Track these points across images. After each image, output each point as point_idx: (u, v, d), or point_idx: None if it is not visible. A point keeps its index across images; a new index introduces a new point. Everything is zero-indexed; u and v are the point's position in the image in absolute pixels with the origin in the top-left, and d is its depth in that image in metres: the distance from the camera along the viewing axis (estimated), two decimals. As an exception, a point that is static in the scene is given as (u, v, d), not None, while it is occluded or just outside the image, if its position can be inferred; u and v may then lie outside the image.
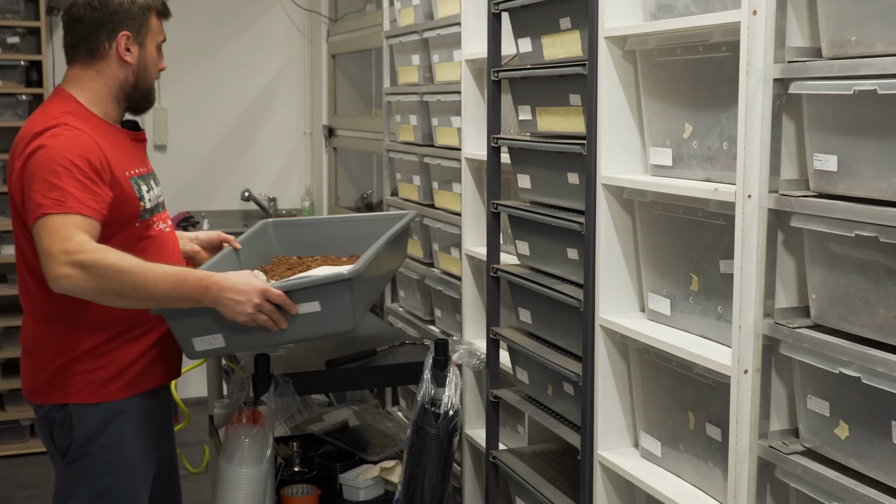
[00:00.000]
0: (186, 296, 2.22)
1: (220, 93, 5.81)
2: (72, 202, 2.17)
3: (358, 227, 3.12)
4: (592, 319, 2.42)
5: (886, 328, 1.72)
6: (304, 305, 2.33)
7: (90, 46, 2.39)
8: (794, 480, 1.90)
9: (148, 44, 2.43)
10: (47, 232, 2.14)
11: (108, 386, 2.38)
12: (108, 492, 2.40)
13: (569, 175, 2.55)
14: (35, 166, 2.21)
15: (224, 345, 2.38)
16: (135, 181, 2.37)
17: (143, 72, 2.43)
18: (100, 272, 2.12)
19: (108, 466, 2.39)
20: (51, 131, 2.25)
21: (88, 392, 2.37)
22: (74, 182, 2.19)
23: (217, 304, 2.24)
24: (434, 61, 3.68)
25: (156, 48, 2.46)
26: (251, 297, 2.24)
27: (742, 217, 1.92)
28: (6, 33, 4.98)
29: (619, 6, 2.32)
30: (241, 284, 2.24)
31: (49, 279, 2.15)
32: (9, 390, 5.01)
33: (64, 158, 2.20)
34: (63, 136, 2.24)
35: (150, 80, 2.46)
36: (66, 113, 2.32)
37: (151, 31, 2.43)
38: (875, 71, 1.67)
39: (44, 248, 2.15)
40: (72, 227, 2.15)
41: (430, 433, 2.74)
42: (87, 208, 2.19)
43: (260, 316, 2.26)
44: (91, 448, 2.37)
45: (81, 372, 2.36)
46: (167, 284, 2.19)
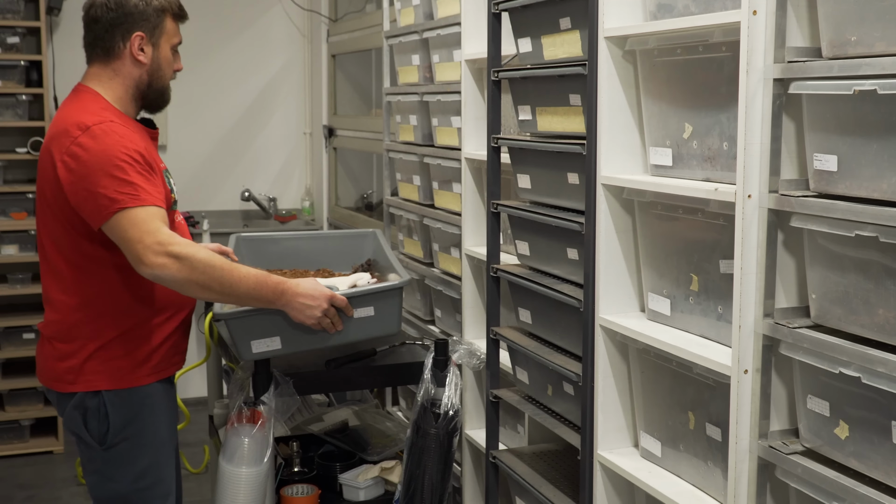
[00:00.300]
0: (262, 297, 2.42)
1: (220, 93, 5.81)
2: (144, 195, 2.32)
3: (323, 244, 3.33)
4: (592, 319, 2.42)
5: (886, 328, 1.72)
6: (360, 310, 2.59)
7: (106, 46, 2.48)
8: (794, 480, 1.90)
9: (162, 45, 2.51)
10: (132, 224, 2.28)
11: (136, 371, 2.49)
12: (147, 471, 2.52)
13: (569, 175, 2.55)
14: (94, 162, 2.31)
15: (280, 346, 2.57)
16: (164, 173, 2.51)
17: (156, 71, 2.51)
18: (192, 265, 2.29)
19: (145, 448, 2.51)
20: (100, 127, 2.35)
21: (120, 377, 2.47)
22: (140, 176, 2.33)
23: (288, 307, 2.46)
24: (434, 61, 3.68)
25: (171, 49, 2.54)
26: (321, 303, 2.48)
27: (742, 217, 1.92)
28: (6, 33, 4.98)
29: (619, 6, 2.32)
30: (313, 290, 2.47)
31: (143, 266, 2.28)
32: (9, 390, 5.01)
33: (124, 154, 2.32)
34: (115, 132, 2.35)
35: (164, 80, 2.54)
36: (104, 109, 2.42)
37: (166, 33, 2.51)
38: (875, 71, 1.67)
39: (133, 239, 2.28)
40: (155, 219, 2.31)
41: (430, 433, 2.74)
42: (157, 199, 2.35)
43: (325, 320, 2.51)
44: (128, 432, 2.48)
45: (111, 358, 2.46)
46: (249, 284, 2.38)
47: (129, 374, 2.48)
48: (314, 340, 2.60)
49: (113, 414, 2.46)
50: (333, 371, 2.78)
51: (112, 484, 2.51)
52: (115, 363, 2.47)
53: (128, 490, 2.51)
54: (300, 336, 2.57)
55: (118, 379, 2.47)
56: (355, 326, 2.62)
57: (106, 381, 2.46)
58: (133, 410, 2.49)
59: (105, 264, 2.44)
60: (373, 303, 2.63)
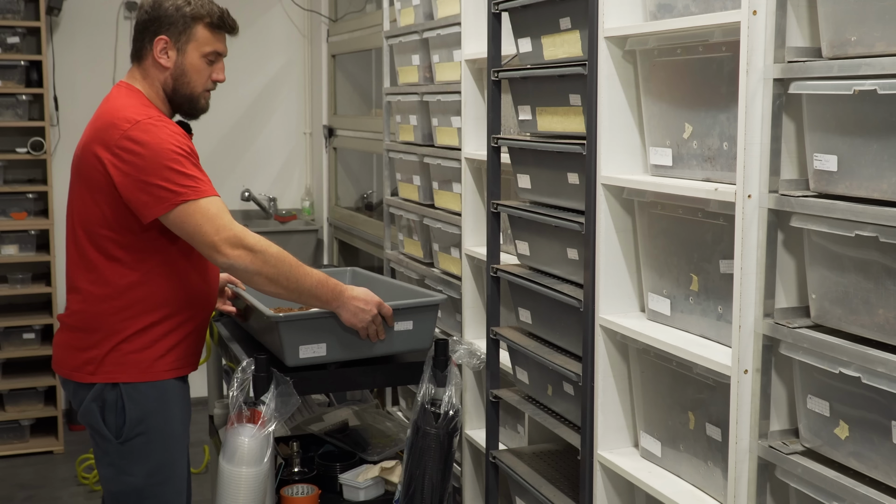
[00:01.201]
0: (322, 296, 2.54)
1: (220, 93, 5.77)
2: (205, 187, 2.41)
3: None
4: (592, 319, 2.42)
5: (886, 328, 1.72)
6: (399, 324, 2.73)
7: (137, 47, 2.57)
8: (794, 480, 1.90)
9: (189, 51, 2.54)
10: (206, 218, 2.38)
11: (155, 366, 2.52)
12: (161, 467, 2.55)
13: (569, 175, 2.55)
14: (150, 155, 2.37)
15: (325, 353, 2.67)
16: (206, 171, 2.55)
17: (180, 77, 2.54)
18: (265, 258, 2.42)
19: (160, 443, 2.54)
20: (149, 121, 2.41)
21: (138, 371, 2.50)
22: (197, 169, 2.43)
23: (342, 309, 2.58)
24: (434, 61, 3.68)
25: (201, 57, 2.55)
26: (372, 308, 2.60)
27: (742, 217, 1.92)
28: (6, 33, 4.98)
29: (619, 6, 2.32)
30: (366, 295, 2.61)
31: (220, 256, 2.39)
32: (9, 390, 5.01)
33: (178, 147, 2.40)
34: (166, 127, 2.43)
35: (190, 87, 2.56)
36: (147, 107, 2.48)
37: (195, 40, 2.54)
38: (875, 71, 1.67)
39: (209, 231, 2.38)
40: (225, 212, 2.42)
41: (430, 433, 2.74)
42: (216, 191, 2.44)
43: (372, 326, 2.62)
44: (145, 426, 2.51)
45: (133, 351, 2.50)
46: (312, 282, 2.50)
47: (148, 368, 2.52)
48: (356, 351, 2.72)
49: (130, 407, 2.50)
50: (333, 371, 2.79)
51: (127, 477, 2.54)
52: (136, 356, 2.50)
53: (143, 484, 2.54)
54: (344, 345, 2.70)
55: (137, 372, 2.50)
56: (395, 339, 2.75)
57: (125, 373, 2.50)
58: (150, 405, 2.52)
59: (144, 259, 2.49)
60: (412, 317, 2.77)
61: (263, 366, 2.63)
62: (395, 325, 2.73)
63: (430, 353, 2.82)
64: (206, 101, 2.64)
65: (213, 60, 2.59)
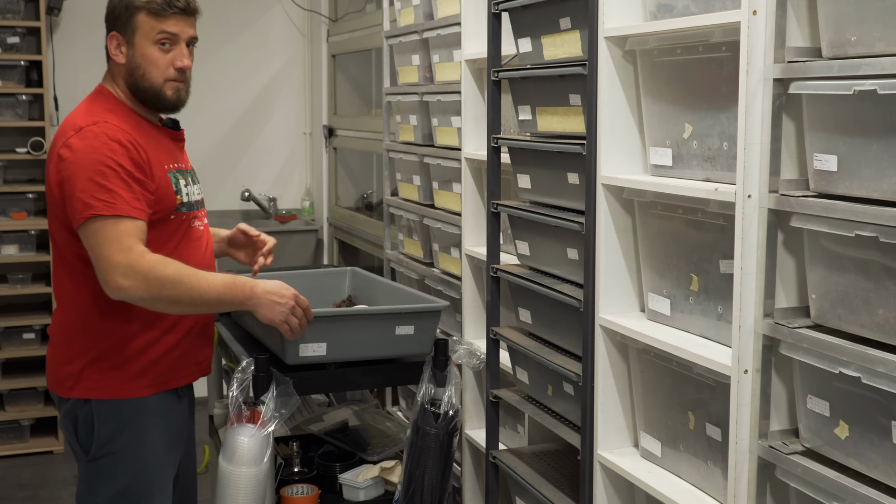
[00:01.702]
0: (233, 299, 2.40)
1: (220, 93, 5.81)
2: (121, 204, 2.26)
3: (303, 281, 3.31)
4: (592, 319, 2.42)
5: (886, 328, 1.72)
6: (401, 328, 2.71)
7: (106, 49, 2.49)
8: (794, 480, 1.90)
9: (138, 42, 2.40)
10: (105, 240, 2.25)
11: (132, 383, 2.42)
12: (128, 490, 2.43)
13: (569, 175, 2.55)
14: (78, 165, 2.28)
15: (325, 353, 2.66)
16: (172, 174, 2.43)
17: (135, 71, 2.41)
18: (160, 283, 2.26)
19: (129, 465, 2.42)
20: (91, 129, 2.31)
21: (112, 388, 2.41)
22: (121, 182, 2.28)
23: (259, 307, 2.43)
24: (434, 61, 3.68)
25: (152, 45, 2.40)
26: (289, 300, 2.45)
27: (742, 217, 1.92)
28: (6, 33, 4.98)
29: (619, 6, 2.32)
30: (280, 288, 2.45)
31: (108, 288, 2.26)
32: (9, 390, 5.01)
33: (108, 158, 2.28)
34: (104, 134, 2.31)
35: (148, 80, 2.42)
36: (107, 110, 2.39)
37: (139, 29, 2.40)
38: (875, 71, 1.67)
39: (103, 256, 2.25)
40: (128, 235, 2.26)
41: (430, 433, 2.74)
42: (135, 209, 2.29)
43: (292, 319, 2.47)
44: (113, 446, 2.41)
45: (107, 367, 2.40)
46: (218, 291, 2.36)
47: (122, 385, 2.41)
48: (357, 352, 2.72)
49: (98, 425, 2.40)
50: (333, 371, 2.79)
51: (93, 497, 2.45)
52: (111, 373, 2.41)
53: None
54: (344, 346, 2.69)
55: (111, 389, 2.41)
56: (396, 343, 2.74)
57: (98, 390, 2.41)
58: (121, 424, 2.41)
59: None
60: (414, 322, 2.74)
61: (263, 366, 2.63)
62: (396, 329, 2.72)
63: (430, 353, 2.82)
64: (177, 93, 2.46)
65: (166, 45, 2.41)
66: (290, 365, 2.70)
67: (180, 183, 2.45)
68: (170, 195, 2.41)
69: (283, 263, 5.39)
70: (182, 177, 2.48)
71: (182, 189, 2.46)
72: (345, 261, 5.62)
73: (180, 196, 2.44)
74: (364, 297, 3.28)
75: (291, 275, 3.48)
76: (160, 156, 2.42)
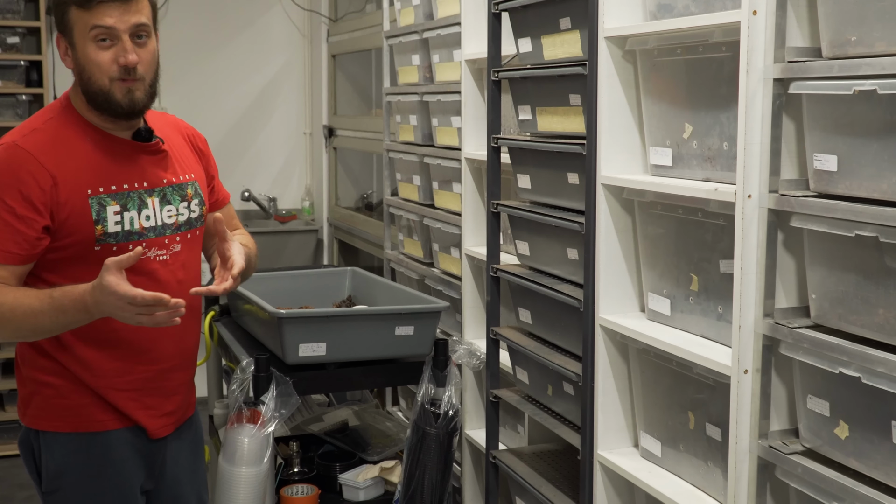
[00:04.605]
0: (74, 319, 2.07)
1: (220, 93, 5.81)
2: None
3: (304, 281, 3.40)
4: (592, 319, 2.42)
5: (886, 328, 1.72)
6: (401, 328, 2.73)
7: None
8: (794, 480, 1.90)
9: (77, 41, 2.10)
10: None
11: (81, 414, 2.19)
12: None
13: (569, 175, 2.55)
14: None
15: (325, 353, 2.67)
16: (97, 201, 2.13)
17: (82, 73, 2.12)
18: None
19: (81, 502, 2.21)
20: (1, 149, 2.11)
21: (60, 420, 2.18)
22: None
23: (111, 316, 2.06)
24: (434, 61, 3.68)
25: (90, 43, 2.08)
26: (122, 307, 1.99)
27: (742, 217, 1.92)
28: (6, 33, 4.98)
29: (619, 6, 2.32)
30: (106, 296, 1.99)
31: None
32: (9, 390, 5.01)
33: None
34: (4, 159, 2.09)
35: (95, 82, 2.11)
36: (39, 125, 2.16)
37: (74, 27, 2.09)
38: (875, 71, 1.67)
39: None
40: None
41: (430, 433, 2.74)
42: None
43: (142, 318, 2.02)
44: (62, 483, 2.19)
45: (55, 396, 2.17)
46: (49, 316, 2.05)
47: (75, 415, 2.18)
48: (357, 352, 2.74)
49: (46, 459, 2.18)
50: (333, 371, 2.79)
51: None
52: (59, 402, 2.17)
53: None
54: (344, 346, 2.71)
55: (62, 420, 2.18)
56: (396, 344, 2.77)
57: (48, 420, 2.18)
58: (68, 459, 2.18)
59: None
60: (414, 322, 2.77)
61: (263, 366, 2.64)
62: (396, 330, 2.73)
63: (430, 353, 2.82)
64: (128, 94, 2.11)
65: (106, 41, 2.08)
66: (290, 365, 2.70)
67: (107, 210, 2.13)
68: (84, 226, 2.11)
69: (283, 263, 5.40)
70: (118, 201, 2.15)
71: (108, 218, 2.13)
72: (345, 261, 5.62)
73: (102, 226, 2.12)
74: (364, 297, 3.28)
75: (292, 275, 3.48)
76: (91, 180, 2.13)
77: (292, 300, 3.20)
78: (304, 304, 3.22)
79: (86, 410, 2.19)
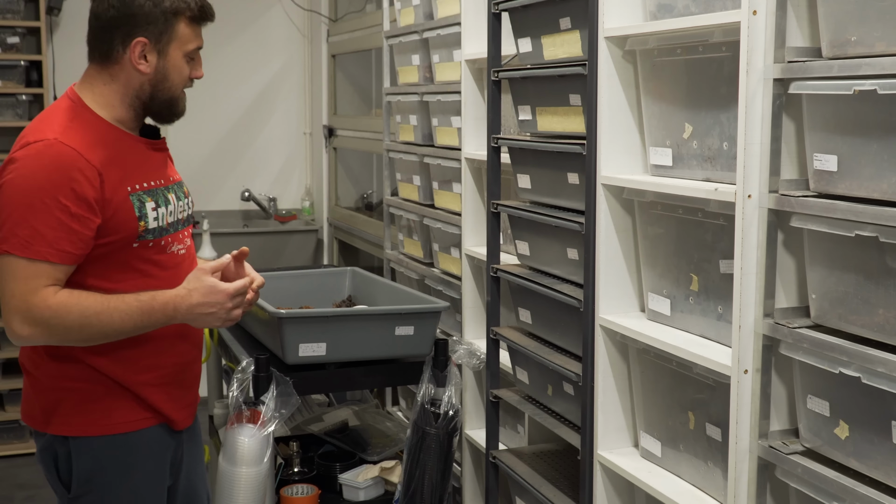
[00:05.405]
0: (155, 323, 2.14)
1: (220, 93, 5.81)
2: (39, 245, 2.03)
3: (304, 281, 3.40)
4: (592, 319, 2.42)
5: (886, 328, 1.72)
6: (401, 328, 2.74)
7: (104, 49, 2.17)
8: (794, 480, 1.90)
9: (171, 52, 2.17)
10: (12, 277, 2.04)
11: (112, 416, 2.20)
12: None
13: (569, 175, 2.55)
14: (13, 187, 2.05)
15: (325, 353, 2.67)
16: (137, 197, 2.16)
17: (161, 82, 2.19)
18: (65, 329, 2.06)
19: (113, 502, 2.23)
20: (37, 147, 2.06)
21: (91, 423, 2.19)
22: (50, 220, 2.03)
23: (190, 322, 2.18)
24: (434, 61, 3.68)
25: (183, 56, 2.20)
26: (222, 305, 2.15)
27: (742, 217, 1.92)
28: (6, 33, 4.98)
29: (619, 6, 2.32)
30: (208, 296, 2.14)
31: (10, 333, 2.07)
32: (9, 390, 5.01)
33: (42, 189, 2.03)
34: (48, 157, 2.05)
35: (171, 91, 2.21)
36: (66, 123, 2.12)
37: (177, 39, 2.17)
38: (875, 71, 1.67)
39: (6, 294, 2.05)
40: (36, 277, 2.03)
41: (430, 433, 2.74)
42: (56, 253, 2.04)
43: (233, 314, 2.18)
44: (94, 485, 2.20)
45: (84, 400, 2.18)
46: (134, 321, 2.10)
47: (102, 418, 2.19)
48: (357, 352, 2.75)
49: (78, 463, 2.18)
50: (333, 371, 2.79)
51: None
52: (87, 406, 2.18)
53: None
54: (344, 346, 2.71)
55: (91, 424, 2.18)
56: (395, 344, 2.78)
57: (75, 426, 2.18)
58: (102, 461, 2.19)
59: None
60: (414, 322, 2.77)
61: (263, 366, 2.64)
62: (396, 330, 2.73)
63: (430, 353, 2.82)
64: (184, 103, 2.28)
65: (193, 57, 2.23)
66: (290, 365, 2.70)
67: (146, 207, 2.17)
68: (129, 221, 2.14)
69: (283, 263, 5.40)
70: (152, 197, 2.20)
71: (148, 214, 2.17)
72: (345, 261, 5.62)
73: (144, 222, 2.16)
74: (364, 297, 3.28)
75: (292, 275, 3.49)
76: (128, 176, 2.16)
77: (292, 300, 3.20)
78: (304, 304, 3.22)
79: (116, 412, 2.21)
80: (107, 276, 2.14)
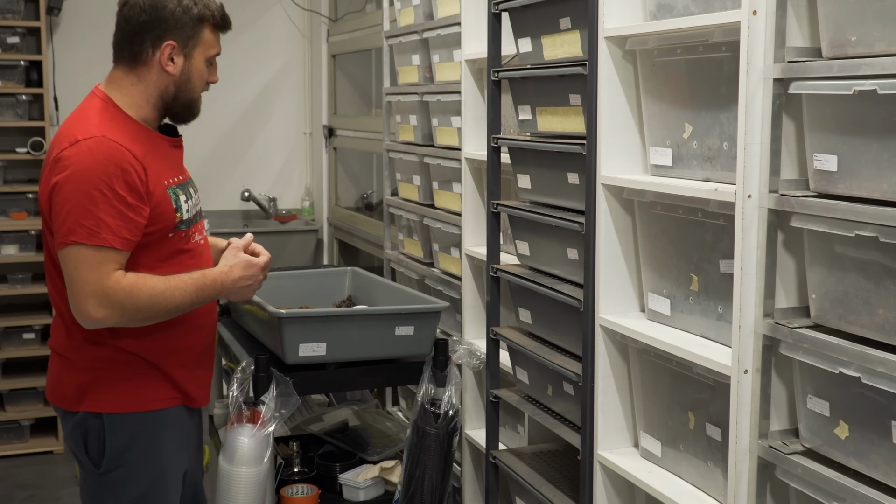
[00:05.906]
0: (207, 299, 2.36)
1: (221, 93, 5.77)
2: (105, 233, 2.17)
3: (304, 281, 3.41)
4: (592, 319, 2.42)
5: (886, 328, 1.72)
6: (401, 328, 2.74)
7: (134, 50, 2.32)
8: (794, 480, 1.90)
9: (195, 56, 2.35)
10: (83, 265, 2.17)
11: (143, 394, 2.34)
12: (141, 502, 2.37)
13: (569, 175, 2.55)
14: (70, 183, 2.17)
15: (325, 353, 2.68)
16: (172, 191, 2.32)
17: (185, 84, 2.35)
18: (136, 309, 2.22)
19: (142, 477, 2.35)
20: (87, 143, 2.19)
21: (124, 400, 2.32)
22: (111, 209, 2.17)
23: (231, 296, 2.42)
24: (434, 61, 3.68)
25: (205, 61, 2.38)
26: (257, 276, 2.43)
27: (742, 217, 1.92)
28: (6, 33, 4.98)
29: (619, 6, 2.32)
30: (246, 269, 2.41)
31: (80, 316, 2.20)
32: (9, 390, 5.01)
33: (100, 181, 2.17)
34: (100, 152, 2.19)
35: (192, 93, 2.38)
36: (106, 121, 2.26)
37: (202, 44, 2.36)
38: (875, 71, 1.67)
39: (78, 281, 2.18)
40: (106, 263, 2.18)
41: (430, 433, 2.74)
42: (119, 240, 2.19)
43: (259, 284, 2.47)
44: (125, 459, 2.33)
45: (117, 379, 2.32)
46: (191, 297, 2.30)
47: (135, 396, 2.33)
48: (357, 352, 2.75)
49: (111, 438, 2.32)
50: (333, 371, 2.79)
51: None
52: (121, 385, 2.32)
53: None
54: (344, 346, 2.71)
55: (124, 401, 2.32)
56: (396, 344, 2.77)
57: (109, 402, 2.32)
58: (133, 437, 2.33)
59: None
60: (414, 322, 2.77)
61: (263, 366, 2.64)
62: (396, 330, 2.73)
63: (430, 353, 2.82)
64: (200, 105, 2.44)
65: (212, 63, 2.42)
66: (290, 365, 2.70)
67: (180, 199, 2.34)
68: (169, 213, 2.30)
69: (283, 263, 5.40)
70: (182, 191, 2.37)
71: (182, 206, 2.34)
72: (345, 261, 5.62)
73: (180, 214, 2.33)
74: (364, 297, 3.28)
75: (292, 275, 3.48)
76: (160, 170, 2.31)
77: (292, 300, 3.20)
78: (304, 304, 3.22)
79: (147, 390, 2.35)
80: (148, 264, 2.29)
